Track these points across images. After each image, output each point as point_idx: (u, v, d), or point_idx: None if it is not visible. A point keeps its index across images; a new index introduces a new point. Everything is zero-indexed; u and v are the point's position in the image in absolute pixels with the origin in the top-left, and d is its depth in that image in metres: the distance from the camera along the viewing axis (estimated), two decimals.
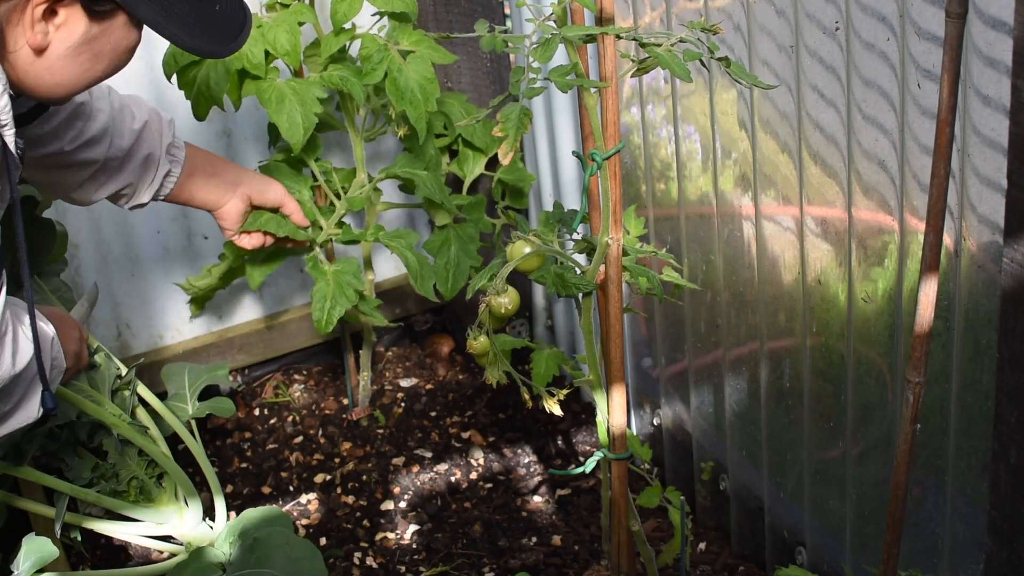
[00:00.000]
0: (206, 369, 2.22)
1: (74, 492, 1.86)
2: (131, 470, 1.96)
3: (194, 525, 2.00)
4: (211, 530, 2.02)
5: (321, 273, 2.24)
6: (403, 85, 2.20)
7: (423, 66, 2.22)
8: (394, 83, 2.20)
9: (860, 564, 1.82)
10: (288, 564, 1.73)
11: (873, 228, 1.62)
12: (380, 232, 2.34)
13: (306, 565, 1.73)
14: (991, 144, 1.37)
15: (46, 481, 1.85)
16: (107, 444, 1.93)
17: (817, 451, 1.86)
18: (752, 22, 1.71)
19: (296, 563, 1.73)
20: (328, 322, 2.20)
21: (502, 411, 2.66)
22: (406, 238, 2.34)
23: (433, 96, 2.23)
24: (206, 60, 2.16)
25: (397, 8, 2.22)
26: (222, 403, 2.16)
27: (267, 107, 2.16)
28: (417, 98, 2.21)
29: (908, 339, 1.54)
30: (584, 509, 2.34)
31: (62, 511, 1.87)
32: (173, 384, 2.13)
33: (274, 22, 2.20)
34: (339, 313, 2.20)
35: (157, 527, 1.99)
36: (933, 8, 1.39)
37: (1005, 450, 1.39)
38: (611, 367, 1.59)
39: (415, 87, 2.21)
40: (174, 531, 2.00)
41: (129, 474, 1.96)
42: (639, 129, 2.11)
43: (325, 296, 2.21)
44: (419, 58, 2.23)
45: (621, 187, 1.44)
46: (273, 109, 2.16)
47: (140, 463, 1.96)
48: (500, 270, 1.50)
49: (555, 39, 1.30)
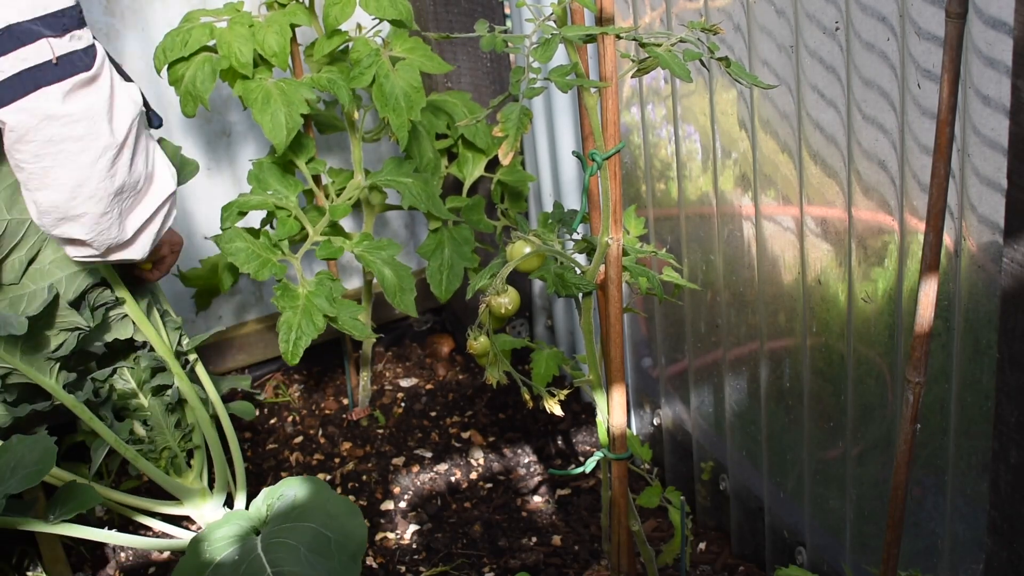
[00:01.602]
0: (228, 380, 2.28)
1: (116, 444, 1.90)
2: (166, 439, 1.98)
3: (214, 510, 2.02)
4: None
5: (291, 299, 2.17)
6: (388, 91, 2.18)
7: (411, 74, 2.21)
8: (380, 89, 2.18)
9: (860, 564, 1.82)
10: (328, 520, 1.70)
11: (873, 228, 1.62)
12: (358, 245, 2.29)
13: (345, 521, 1.70)
14: (991, 144, 1.37)
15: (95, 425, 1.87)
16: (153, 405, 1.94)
17: (817, 451, 1.86)
18: (752, 22, 1.71)
19: (336, 519, 1.70)
20: (295, 354, 2.12)
21: (502, 411, 2.66)
22: (387, 249, 2.28)
23: (418, 105, 2.20)
24: (194, 57, 2.15)
25: (389, 16, 2.21)
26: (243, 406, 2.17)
27: (252, 107, 2.14)
28: (400, 106, 2.19)
29: (908, 339, 1.54)
30: (584, 509, 2.34)
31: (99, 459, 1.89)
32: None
33: (266, 22, 2.19)
34: (305, 344, 2.12)
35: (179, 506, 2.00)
36: (933, 8, 1.39)
37: (1005, 450, 1.39)
38: (611, 367, 1.59)
39: (400, 95, 2.19)
40: (195, 511, 2.01)
41: (164, 443, 1.98)
42: (639, 129, 2.11)
43: (291, 327, 2.14)
44: (408, 66, 2.21)
45: (621, 187, 1.44)
46: (258, 109, 2.13)
47: (176, 435, 1.98)
48: (500, 270, 1.50)
49: (555, 39, 1.30)
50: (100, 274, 1.85)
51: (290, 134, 2.14)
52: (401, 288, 2.27)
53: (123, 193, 1.63)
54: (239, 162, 2.66)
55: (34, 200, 1.60)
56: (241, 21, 2.18)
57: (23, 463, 1.70)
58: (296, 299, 2.17)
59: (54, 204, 1.58)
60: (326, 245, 2.27)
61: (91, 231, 1.63)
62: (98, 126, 1.54)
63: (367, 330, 2.29)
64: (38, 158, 1.53)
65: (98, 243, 1.65)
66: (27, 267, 1.78)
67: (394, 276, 2.27)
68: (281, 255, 2.21)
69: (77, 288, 1.83)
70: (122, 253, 1.72)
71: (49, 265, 1.80)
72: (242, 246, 2.16)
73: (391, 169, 2.34)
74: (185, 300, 2.73)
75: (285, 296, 2.17)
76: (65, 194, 1.57)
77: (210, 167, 2.64)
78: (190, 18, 2.20)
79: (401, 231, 2.95)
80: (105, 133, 1.55)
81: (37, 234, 1.77)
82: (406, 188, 2.31)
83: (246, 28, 2.17)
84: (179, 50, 2.14)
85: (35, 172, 1.55)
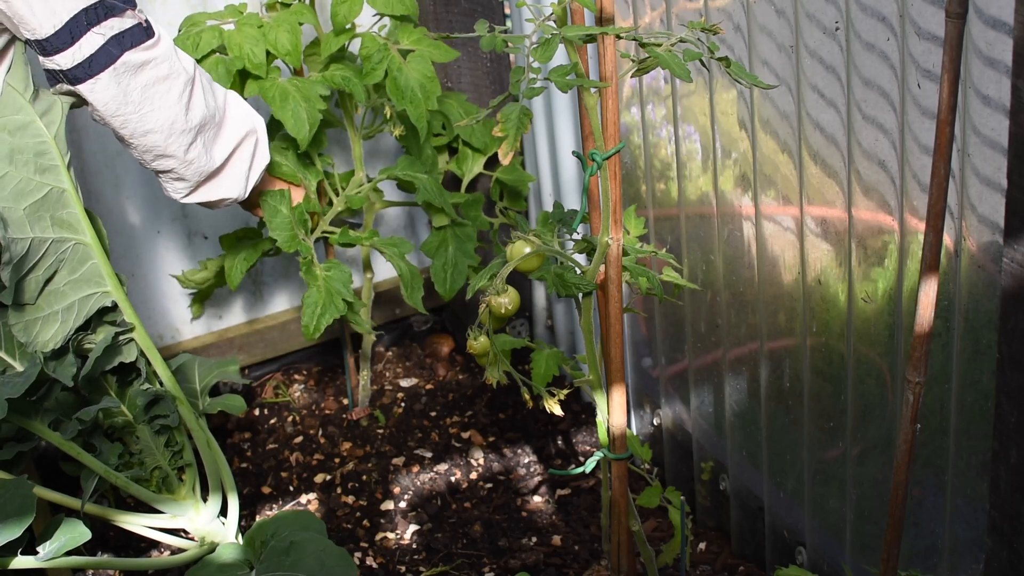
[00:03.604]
0: (216, 364, 2.22)
1: (106, 474, 1.90)
2: (156, 459, 1.98)
3: (209, 520, 2.02)
4: (223, 527, 2.03)
5: (313, 278, 2.22)
6: (403, 84, 2.21)
7: (423, 65, 2.23)
8: (394, 82, 2.20)
9: (860, 564, 1.82)
10: (321, 571, 1.74)
11: (873, 228, 1.62)
12: (375, 238, 2.33)
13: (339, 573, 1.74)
14: (991, 144, 1.37)
15: (84, 459, 1.88)
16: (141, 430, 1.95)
17: (817, 451, 1.86)
18: (752, 22, 1.71)
19: (330, 570, 1.74)
20: (316, 329, 2.18)
21: (502, 411, 2.66)
22: (400, 247, 2.33)
23: (434, 95, 2.23)
24: (205, 60, 2.16)
25: (397, 11, 2.22)
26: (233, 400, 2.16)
27: (271, 104, 2.16)
28: (418, 97, 2.21)
29: (908, 339, 1.54)
30: (584, 509, 2.34)
31: (90, 489, 1.89)
32: (182, 378, 2.13)
33: (275, 22, 2.20)
34: (327, 322, 2.19)
35: (172, 519, 2.00)
36: (933, 8, 1.39)
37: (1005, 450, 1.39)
38: (611, 367, 1.59)
39: (415, 86, 2.21)
40: (189, 525, 2.02)
41: (154, 463, 1.98)
42: (639, 129, 2.11)
43: (316, 303, 2.20)
44: (419, 57, 2.23)
45: (621, 187, 1.44)
46: (277, 106, 2.16)
47: (165, 453, 1.99)
48: (500, 270, 1.50)
49: (555, 39, 1.30)
50: (111, 297, 1.85)
51: (312, 129, 2.18)
52: (413, 284, 2.33)
53: (205, 125, 1.84)
54: None
55: (135, 146, 1.80)
56: (250, 22, 2.19)
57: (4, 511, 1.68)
58: (317, 279, 2.23)
59: (155, 143, 1.79)
60: (344, 232, 2.32)
61: (182, 162, 1.84)
62: (175, 64, 1.76)
63: (368, 325, 2.32)
64: (139, 107, 1.74)
65: (190, 173, 1.86)
66: (43, 287, 1.79)
67: (408, 272, 2.33)
68: (304, 234, 2.23)
69: (89, 310, 1.83)
70: (219, 188, 1.93)
71: (64, 287, 1.81)
72: (284, 212, 2.19)
73: (406, 164, 2.37)
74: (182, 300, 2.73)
75: (309, 273, 2.23)
76: (164, 133, 1.78)
77: None
78: (194, 22, 2.20)
79: (400, 231, 2.95)
80: (181, 69, 1.77)
81: (55, 254, 1.78)
82: (422, 183, 2.34)
83: (255, 29, 2.18)
84: (191, 53, 2.14)
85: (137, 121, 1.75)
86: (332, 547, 1.77)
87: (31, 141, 1.74)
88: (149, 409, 1.96)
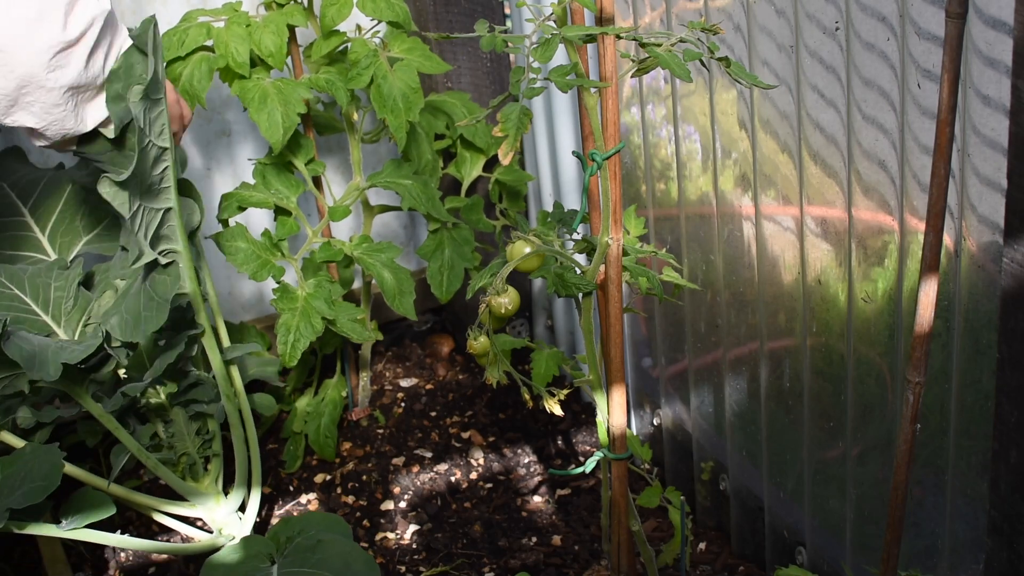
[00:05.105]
0: (257, 360, 2.21)
1: (138, 452, 1.91)
2: (185, 445, 1.98)
3: (228, 513, 2.03)
4: (239, 521, 2.04)
5: (290, 301, 2.17)
6: (386, 93, 2.18)
7: (408, 75, 2.20)
8: (378, 90, 2.18)
9: (860, 564, 1.82)
10: (347, 572, 1.74)
11: (873, 228, 1.62)
12: (358, 248, 2.29)
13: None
14: (991, 144, 1.37)
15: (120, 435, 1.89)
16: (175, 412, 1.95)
17: (817, 451, 1.86)
18: (752, 22, 1.71)
19: (355, 573, 1.74)
20: (292, 356, 2.12)
21: (502, 411, 2.66)
22: (387, 252, 2.28)
23: (416, 106, 2.20)
24: (191, 57, 2.16)
25: (386, 17, 2.20)
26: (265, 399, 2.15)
27: (248, 106, 2.14)
28: (399, 107, 2.19)
29: (908, 339, 1.54)
30: (584, 509, 2.34)
31: (119, 466, 1.90)
32: None
33: (264, 22, 2.19)
34: (303, 347, 2.13)
35: (192, 508, 2.01)
36: (933, 8, 1.39)
37: (1005, 450, 1.39)
38: (611, 367, 1.59)
39: (398, 96, 2.18)
40: (207, 515, 2.03)
41: (183, 448, 1.98)
42: (639, 129, 2.11)
43: (289, 329, 2.14)
44: (406, 66, 2.21)
45: (621, 187, 1.44)
46: (255, 108, 2.14)
47: (195, 441, 1.99)
48: (500, 270, 1.50)
49: (555, 39, 1.30)
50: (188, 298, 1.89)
51: (287, 133, 2.14)
52: (400, 291, 2.27)
53: (80, 87, 1.64)
54: (239, 162, 2.66)
55: None
56: (238, 21, 2.18)
57: (31, 476, 1.70)
58: (295, 301, 2.17)
59: (4, 92, 1.59)
60: (325, 247, 2.27)
61: (42, 120, 1.64)
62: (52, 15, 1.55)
63: (365, 333, 2.29)
64: None
65: (51, 132, 1.67)
66: None
67: (393, 279, 2.27)
68: (281, 256, 2.21)
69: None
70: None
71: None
72: (243, 246, 2.16)
73: (391, 171, 2.34)
74: None
75: (284, 298, 2.17)
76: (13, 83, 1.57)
77: (210, 167, 2.64)
78: (188, 18, 2.20)
79: (400, 232, 2.95)
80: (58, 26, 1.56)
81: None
82: (405, 190, 2.31)
83: (243, 28, 2.17)
84: (176, 49, 2.14)
85: None
86: (358, 550, 1.78)
87: None
88: (187, 392, 1.95)
